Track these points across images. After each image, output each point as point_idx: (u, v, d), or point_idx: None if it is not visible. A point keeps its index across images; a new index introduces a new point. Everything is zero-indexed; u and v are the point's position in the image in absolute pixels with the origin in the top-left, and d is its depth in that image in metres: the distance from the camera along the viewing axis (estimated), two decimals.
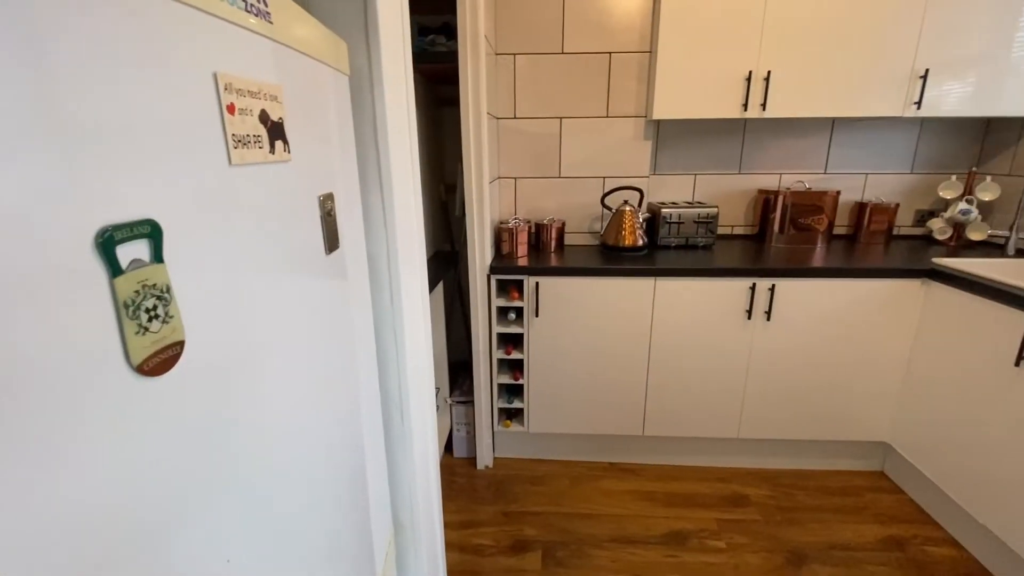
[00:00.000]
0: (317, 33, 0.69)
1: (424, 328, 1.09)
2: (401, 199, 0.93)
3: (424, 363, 1.09)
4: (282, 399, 0.59)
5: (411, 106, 0.99)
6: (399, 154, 0.92)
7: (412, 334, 1.00)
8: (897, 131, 2.20)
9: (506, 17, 2.03)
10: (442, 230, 2.32)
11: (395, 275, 0.92)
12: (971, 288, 1.60)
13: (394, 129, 0.89)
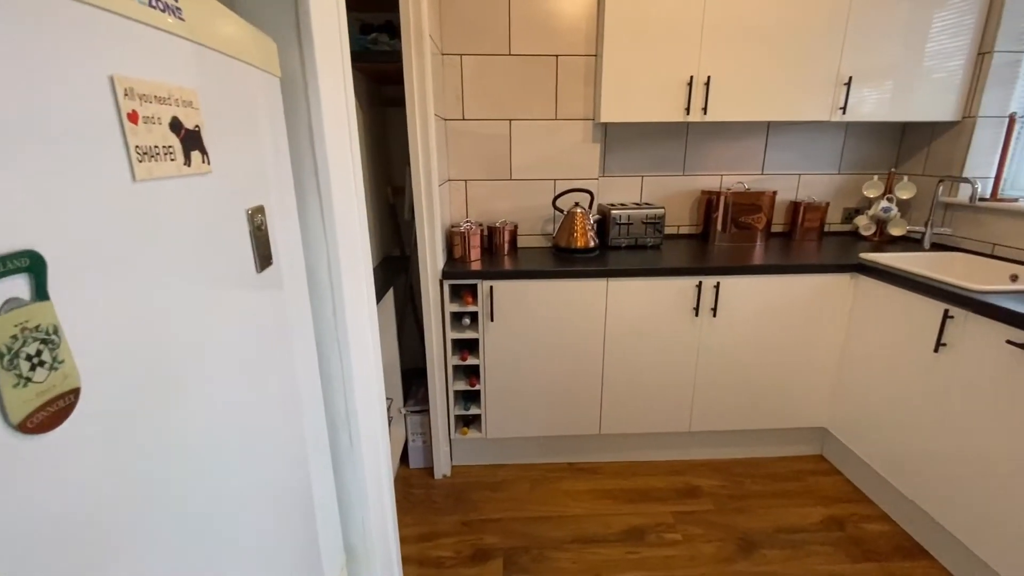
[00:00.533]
0: (241, 32, 0.63)
1: (372, 341, 1.05)
2: (342, 206, 0.88)
3: (373, 378, 1.05)
4: (209, 432, 0.53)
5: (351, 108, 0.94)
6: (339, 159, 0.87)
7: (358, 348, 0.96)
8: (825, 134, 2.34)
9: (451, 17, 1.99)
10: (391, 234, 2.25)
11: (337, 287, 0.87)
12: (894, 281, 1.72)
13: (332, 133, 0.84)
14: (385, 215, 2.17)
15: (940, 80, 1.99)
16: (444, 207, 2.02)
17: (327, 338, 0.89)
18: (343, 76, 0.90)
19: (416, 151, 1.69)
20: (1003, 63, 1.94)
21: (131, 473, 0.41)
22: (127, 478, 0.41)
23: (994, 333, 1.39)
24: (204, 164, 0.52)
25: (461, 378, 2.04)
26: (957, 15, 1.93)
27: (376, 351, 1.07)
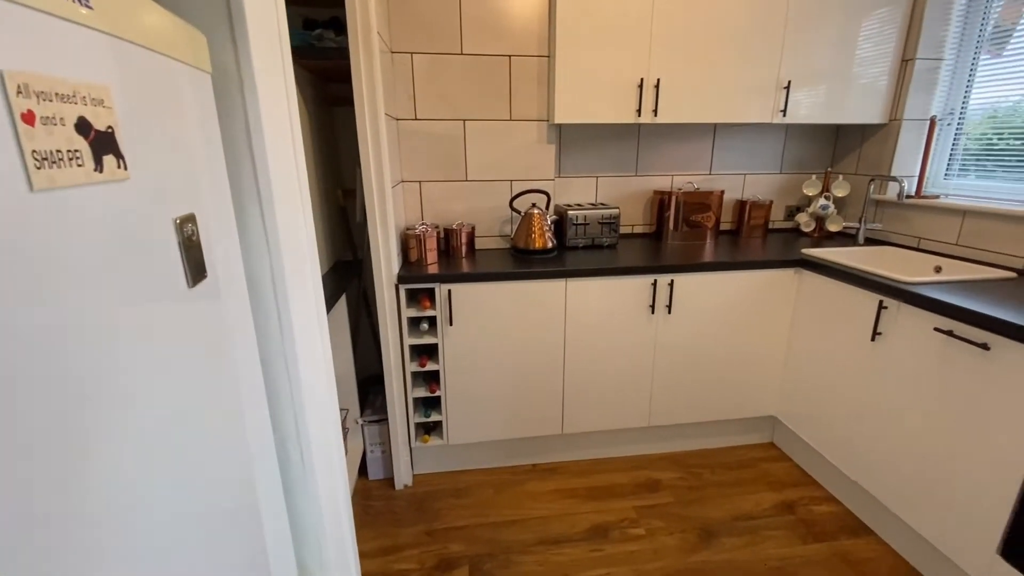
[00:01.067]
0: (164, 23, 0.57)
1: (323, 352, 0.99)
2: (286, 211, 0.83)
3: (324, 391, 1.00)
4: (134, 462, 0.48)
5: (293, 106, 0.89)
6: (281, 160, 0.82)
7: (308, 361, 0.90)
8: (768, 136, 2.44)
9: (400, 14, 1.94)
10: (342, 238, 2.17)
11: (283, 298, 0.82)
12: (833, 275, 1.82)
13: (273, 133, 0.79)
14: (336, 218, 2.09)
15: (868, 85, 2.13)
16: (398, 209, 1.97)
17: (273, 353, 0.84)
18: (283, 72, 0.85)
19: (367, 151, 1.63)
20: (924, 69, 2.09)
21: (29, 513, 0.36)
22: (24, 521, 0.35)
23: (923, 321, 1.49)
24: (120, 170, 0.47)
25: (421, 385, 2.00)
26: (881, 24, 2.06)
27: (327, 363, 1.02)
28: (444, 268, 1.87)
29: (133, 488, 0.48)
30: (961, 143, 2.07)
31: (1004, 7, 1.89)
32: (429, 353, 1.97)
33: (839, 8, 2.00)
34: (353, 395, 2.05)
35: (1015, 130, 1.87)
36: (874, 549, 1.68)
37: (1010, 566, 1.27)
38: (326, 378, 1.02)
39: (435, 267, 1.88)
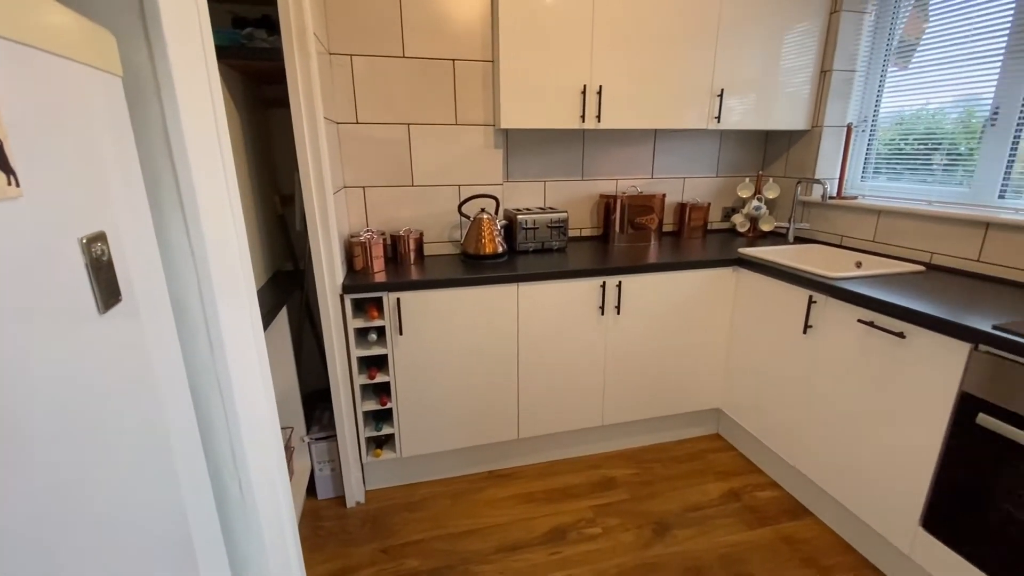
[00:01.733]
0: (63, 22, 0.51)
1: (261, 371, 0.93)
2: (214, 222, 0.77)
3: (264, 413, 0.93)
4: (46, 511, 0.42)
5: (219, 110, 0.82)
6: (206, 168, 0.76)
7: (244, 383, 0.84)
8: (704, 141, 2.56)
9: (337, 15, 1.87)
10: (282, 247, 2.06)
11: (213, 317, 0.76)
12: (767, 272, 1.92)
13: (197, 139, 0.73)
14: (274, 226, 1.99)
15: (793, 94, 2.27)
16: (341, 216, 1.89)
17: (204, 377, 0.77)
18: (207, 74, 0.79)
19: (305, 156, 1.56)
20: (840, 80, 2.26)
21: None
22: None
23: (848, 314, 1.60)
24: (11, 187, 0.41)
25: (371, 397, 1.93)
26: (802, 37, 2.20)
27: (266, 382, 0.96)
28: (392, 276, 1.82)
29: (39, 532, 0.42)
30: (874, 147, 2.26)
31: (907, 23, 2.07)
32: (379, 364, 1.91)
33: (764, 22, 2.13)
34: (298, 412, 1.95)
35: (918, 135, 2.05)
36: (813, 529, 1.79)
37: (931, 536, 1.39)
38: (265, 399, 0.95)
39: (382, 275, 1.83)
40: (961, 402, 1.29)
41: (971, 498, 1.29)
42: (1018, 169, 1.72)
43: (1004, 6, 1.72)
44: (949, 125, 1.93)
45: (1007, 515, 1.21)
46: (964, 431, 1.29)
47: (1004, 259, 1.67)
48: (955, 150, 1.91)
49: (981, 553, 1.27)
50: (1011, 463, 1.20)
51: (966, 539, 1.30)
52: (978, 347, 1.25)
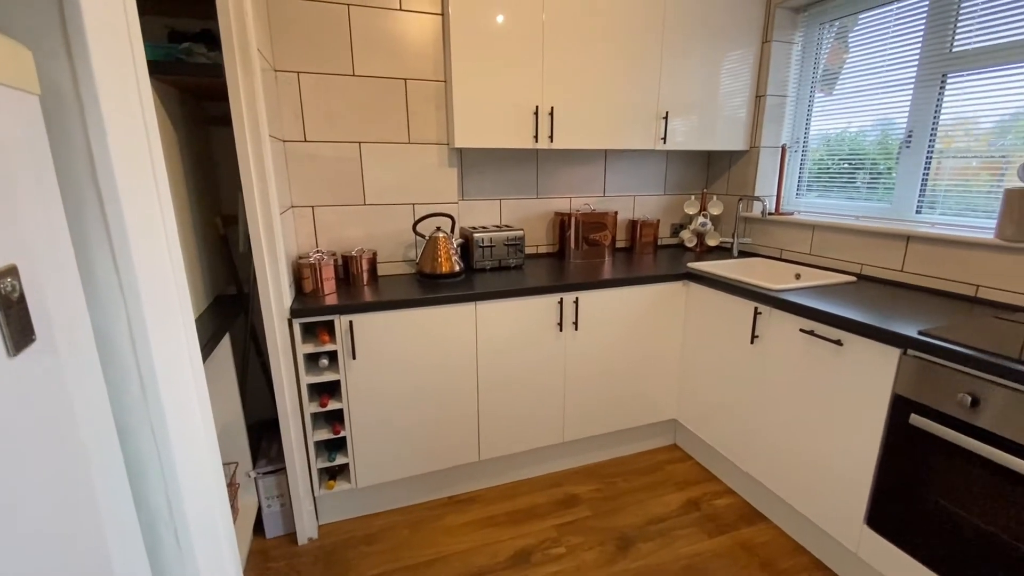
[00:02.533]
0: None
1: (200, 408, 0.86)
2: (146, 249, 0.71)
3: (204, 452, 0.86)
4: None
5: (152, 128, 0.77)
6: (137, 191, 0.70)
7: (180, 420, 0.78)
8: (652, 161, 2.66)
9: (283, 31, 1.82)
10: (224, 270, 1.95)
11: (144, 352, 0.70)
12: (715, 285, 2.00)
13: (125, 160, 0.68)
14: (216, 249, 1.88)
15: (731, 116, 2.41)
16: (288, 236, 1.82)
17: (134, 419, 0.70)
18: (138, 90, 0.74)
19: (249, 175, 1.49)
20: (773, 104, 2.41)
21: None
22: None
23: (790, 324, 1.69)
24: None
25: (323, 426, 1.84)
26: (738, 64, 2.35)
27: (206, 417, 0.89)
28: (344, 298, 1.75)
29: None
30: (807, 167, 2.42)
31: (829, 54, 2.25)
32: (331, 391, 1.82)
33: (703, 50, 2.25)
34: (243, 446, 1.83)
35: (843, 155, 2.22)
36: (768, 533, 1.84)
37: (875, 533, 1.46)
38: (205, 435, 0.88)
39: (333, 297, 1.76)
40: (895, 404, 1.38)
41: (909, 495, 1.37)
42: (931, 187, 1.89)
43: (913, 40, 1.90)
44: (869, 146, 2.10)
45: (942, 509, 1.29)
46: (899, 432, 1.37)
47: (924, 269, 1.82)
48: (876, 169, 2.08)
49: (921, 547, 1.35)
50: (942, 460, 1.28)
51: (907, 534, 1.38)
52: (907, 352, 1.34)
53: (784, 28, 2.33)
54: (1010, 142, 1.65)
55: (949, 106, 1.81)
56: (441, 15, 1.99)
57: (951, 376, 1.24)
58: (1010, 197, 1.55)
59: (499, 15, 1.91)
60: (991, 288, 1.63)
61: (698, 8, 2.20)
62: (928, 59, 1.85)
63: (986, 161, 1.72)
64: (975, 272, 1.66)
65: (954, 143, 1.81)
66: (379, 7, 1.92)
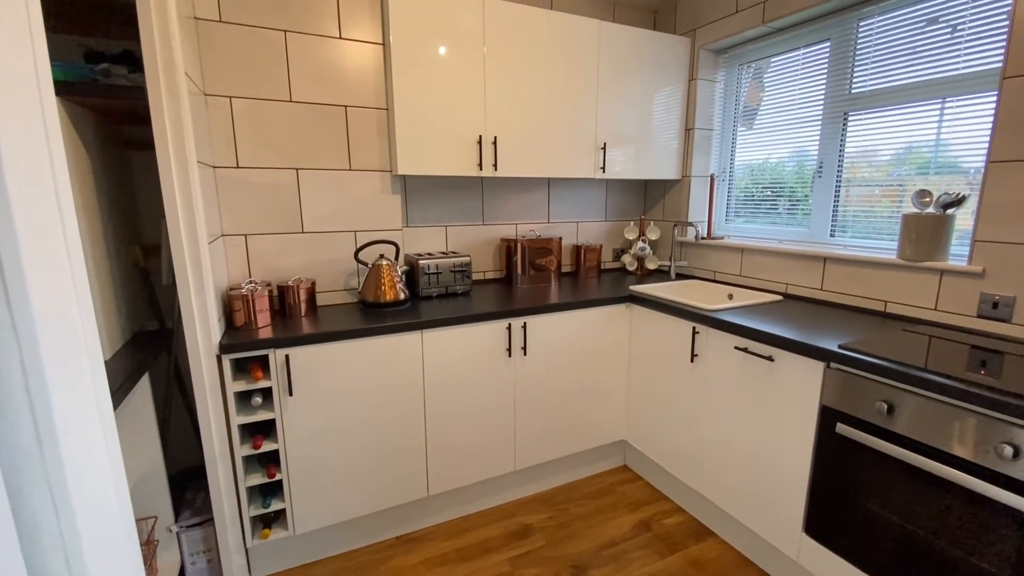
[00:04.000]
0: None
1: (109, 459, 0.77)
2: (45, 288, 0.64)
3: (113, 509, 0.77)
4: None
5: (57, 154, 0.70)
6: (37, 221, 0.64)
7: (84, 476, 0.69)
8: (593, 189, 2.76)
9: (214, 55, 1.76)
10: (144, 304, 1.81)
11: (41, 401, 0.62)
12: (655, 307, 2.07)
13: (22, 189, 0.61)
14: (134, 282, 1.74)
15: (664, 147, 2.55)
16: (218, 267, 1.71)
17: (28, 478, 0.62)
18: (42, 112, 0.67)
19: (173, 202, 1.40)
20: (701, 137, 2.59)
21: None
22: None
23: (726, 342, 1.77)
24: None
25: (256, 470, 1.70)
26: (668, 99, 2.51)
27: (116, 470, 0.79)
28: (279, 331, 1.66)
29: None
30: (734, 194, 2.59)
31: (748, 92, 2.45)
32: (265, 431, 1.70)
33: (636, 85, 2.39)
34: (164, 497, 1.66)
35: (765, 184, 2.40)
36: (716, 549, 1.88)
37: (814, 541, 1.52)
38: (115, 490, 0.79)
39: (268, 330, 1.66)
40: (823, 414, 1.47)
41: (840, 501, 1.44)
42: (842, 212, 2.08)
43: (818, 82, 2.11)
44: (788, 175, 2.29)
45: (872, 513, 1.37)
46: (828, 441, 1.46)
47: (840, 287, 1.97)
48: (795, 196, 2.26)
49: (854, 551, 1.42)
50: (866, 466, 1.37)
51: (842, 540, 1.45)
52: (830, 365, 1.44)
53: (707, 68, 2.52)
54: (905, 172, 1.85)
55: (852, 140, 2.01)
56: (383, 45, 2.00)
57: (869, 386, 1.34)
58: (907, 221, 1.73)
59: (441, 47, 1.95)
60: (897, 303, 1.79)
61: (629, 47, 2.34)
62: (832, 99, 2.06)
63: (886, 189, 1.92)
64: (883, 289, 1.83)
65: (859, 173, 2.00)
66: (318, 35, 1.90)
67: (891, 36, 1.84)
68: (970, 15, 1.62)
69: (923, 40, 1.75)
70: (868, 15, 1.90)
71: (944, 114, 1.71)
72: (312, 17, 1.88)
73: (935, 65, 1.72)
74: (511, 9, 2.05)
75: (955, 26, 1.66)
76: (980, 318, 1.57)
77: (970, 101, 1.64)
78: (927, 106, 1.75)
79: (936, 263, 1.67)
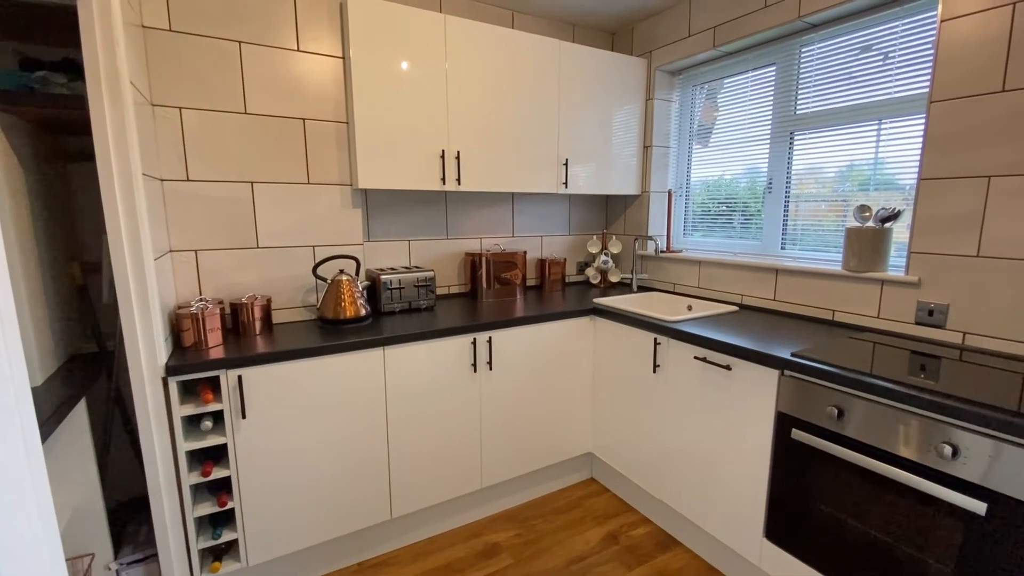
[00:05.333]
0: None
1: (35, 494, 0.71)
2: None
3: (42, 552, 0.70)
4: None
5: None
6: None
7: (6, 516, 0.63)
8: (556, 203, 2.79)
9: (162, 64, 1.69)
10: (82, 325, 1.69)
11: None
12: (618, 319, 2.10)
13: None
14: (72, 301, 1.63)
15: (624, 164, 2.62)
16: (166, 284, 1.63)
17: None
18: None
19: (116, 217, 1.33)
20: (659, 153, 2.67)
21: None
22: None
23: (686, 352, 1.81)
24: None
25: (206, 498, 1.61)
26: (627, 118, 2.58)
27: (43, 506, 0.73)
28: (232, 350, 1.59)
29: None
30: (691, 209, 2.68)
31: (702, 111, 2.56)
32: (216, 457, 1.61)
33: (596, 103, 2.46)
34: (102, 533, 1.54)
35: (720, 199, 2.49)
36: (683, 558, 1.89)
37: (774, 545, 1.55)
38: (43, 528, 0.72)
39: (219, 350, 1.59)
40: (779, 421, 1.51)
41: (798, 505, 1.48)
42: (791, 226, 2.18)
43: (766, 103, 2.22)
44: (741, 191, 2.38)
45: (828, 516, 1.41)
46: (784, 446, 1.50)
47: (791, 297, 2.05)
48: (748, 211, 2.36)
49: (812, 554, 1.45)
50: (821, 469, 1.41)
51: (801, 543, 1.48)
52: (784, 372, 1.49)
53: (664, 88, 2.62)
54: (848, 188, 1.96)
55: (798, 158, 2.12)
56: (343, 58, 1.98)
57: (820, 392, 1.39)
58: (850, 234, 1.83)
59: (403, 62, 1.94)
60: (844, 312, 1.88)
61: (589, 66, 2.40)
62: (779, 119, 2.16)
63: (831, 204, 2.02)
64: (831, 299, 1.91)
65: (806, 189, 2.11)
66: (274, 47, 1.86)
67: (830, 62, 1.96)
68: (900, 44, 1.75)
69: (859, 66, 1.87)
70: (809, 42, 2.02)
71: (881, 134, 1.83)
72: (269, 29, 1.84)
73: (871, 89, 1.84)
74: (472, 27, 2.07)
75: (887, 54, 1.79)
76: (918, 324, 1.67)
77: (903, 123, 1.76)
78: (865, 127, 1.87)
79: (877, 274, 1.76)
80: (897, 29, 1.75)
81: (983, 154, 1.49)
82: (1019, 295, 1.45)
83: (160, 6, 1.67)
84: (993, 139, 1.47)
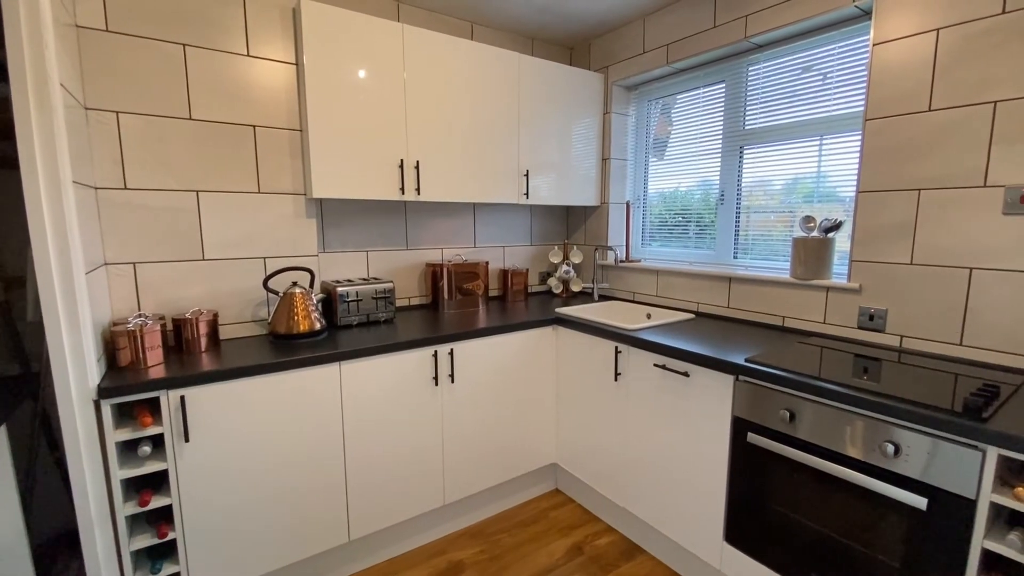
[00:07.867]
0: None
1: None
2: None
3: None
4: None
5: None
6: None
7: None
8: (518, 214, 2.80)
9: (97, 66, 1.59)
10: (4, 345, 1.55)
11: None
12: (580, 328, 2.11)
13: None
14: None
15: (584, 175, 2.66)
16: (99, 300, 1.52)
17: None
18: None
19: (42, 228, 1.22)
20: (617, 166, 2.73)
21: None
22: None
23: (646, 359, 1.83)
24: None
25: (144, 530, 1.49)
26: (586, 131, 2.63)
27: None
28: (174, 369, 1.49)
29: None
30: (648, 219, 2.74)
31: (657, 126, 2.63)
32: (155, 484, 1.50)
33: (555, 116, 2.49)
34: (24, 571, 1.40)
35: (676, 210, 2.56)
36: (647, 566, 1.90)
37: (734, 548, 1.58)
38: None
39: (160, 369, 1.49)
40: (735, 425, 1.55)
41: (755, 508, 1.52)
42: (743, 236, 2.26)
43: (717, 118, 2.31)
44: (696, 203, 2.46)
45: (784, 517, 1.45)
46: (740, 450, 1.53)
47: (744, 305, 2.12)
48: (703, 222, 2.43)
49: (769, 555, 1.49)
50: (777, 472, 1.45)
51: (759, 545, 1.52)
52: (739, 378, 1.53)
53: (620, 102, 2.68)
54: (795, 200, 2.05)
55: (748, 171, 2.21)
56: (296, 65, 1.93)
57: (773, 396, 1.43)
58: (797, 244, 1.91)
59: (359, 70, 1.91)
60: (793, 318, 1.95)
61: (548, 80, 2.44)
62: (729, 134, 2.25)
63: (780, 215, 2.11)
64: (780, 305, 1.99)
65: (756, 201, 2.19)
66: (222, 51, 1.79)
67: (775, 80, 2.06)
68: (837, 65, 1.86)
69: (802, 85, 1.97)
70: (755, 61, 2.12)
71: (823, 149, 1.93)
72: (216, 32, 1.77)
73: (813, 107, 1.94)
74: (431, 37, 2.06)
75: (826, 74, 1.90)
76: (860, 329, 1.75)
77: (842, 139, 1.86)
78: (809, 142, 1.97)
79: (822, 281, 1.85)
80: (835, 51, 1.86)
81: (913, 168, 1.59)
82: (948, 299, 1.55)
83: (96, 5, 1.58)
84: (921, 155, 1.57)
